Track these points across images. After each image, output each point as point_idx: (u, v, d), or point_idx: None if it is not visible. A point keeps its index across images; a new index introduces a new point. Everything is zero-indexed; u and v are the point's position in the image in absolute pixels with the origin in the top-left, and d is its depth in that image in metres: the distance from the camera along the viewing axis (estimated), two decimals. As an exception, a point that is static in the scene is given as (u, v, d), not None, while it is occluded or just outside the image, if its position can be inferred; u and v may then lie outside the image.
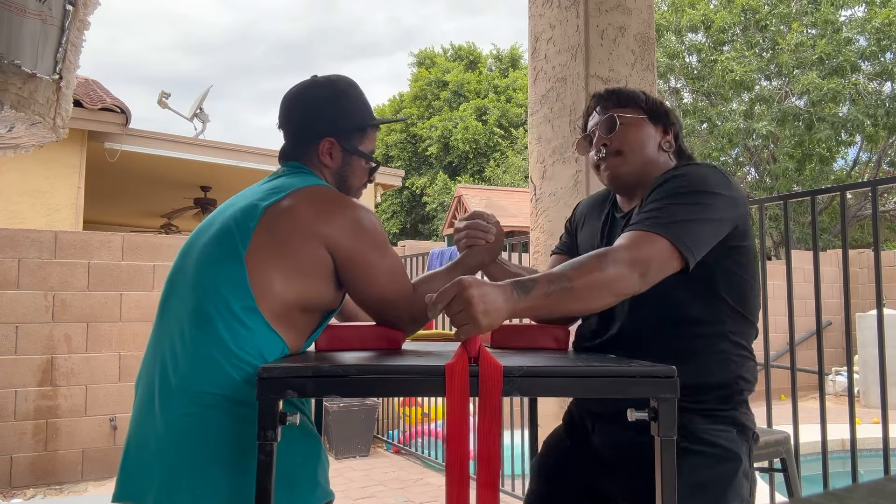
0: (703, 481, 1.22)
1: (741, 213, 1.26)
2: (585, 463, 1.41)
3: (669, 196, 1.22)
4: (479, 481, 0.99)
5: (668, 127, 1.42)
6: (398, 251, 5.99)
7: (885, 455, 2.18)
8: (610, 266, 1.11)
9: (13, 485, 4.24)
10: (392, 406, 5.58)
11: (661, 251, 1.15)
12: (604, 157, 1.40)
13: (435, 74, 24.31)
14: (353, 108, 1.45)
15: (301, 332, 1.27)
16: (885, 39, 12.73)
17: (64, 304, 4.45)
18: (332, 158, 1.42)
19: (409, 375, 0.99)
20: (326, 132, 1.41)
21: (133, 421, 1.26)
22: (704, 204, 1.21)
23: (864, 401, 7.38)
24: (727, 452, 1.25)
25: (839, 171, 14.58)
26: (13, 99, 1.90)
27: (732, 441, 1.27)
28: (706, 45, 14.52)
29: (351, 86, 1.46)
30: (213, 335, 1.18)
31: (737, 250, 1.27)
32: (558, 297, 1.08)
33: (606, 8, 2.52)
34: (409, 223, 22.84)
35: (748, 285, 1.30)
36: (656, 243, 1.15)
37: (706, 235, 1.20)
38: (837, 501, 0.36)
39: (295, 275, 1.22)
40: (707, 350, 1.28)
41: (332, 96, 1.43)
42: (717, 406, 1.29)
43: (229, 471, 1.14)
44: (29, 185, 6.20)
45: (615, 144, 1.38)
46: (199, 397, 1.16)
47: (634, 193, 1.40)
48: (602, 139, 1.40)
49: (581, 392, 1.02)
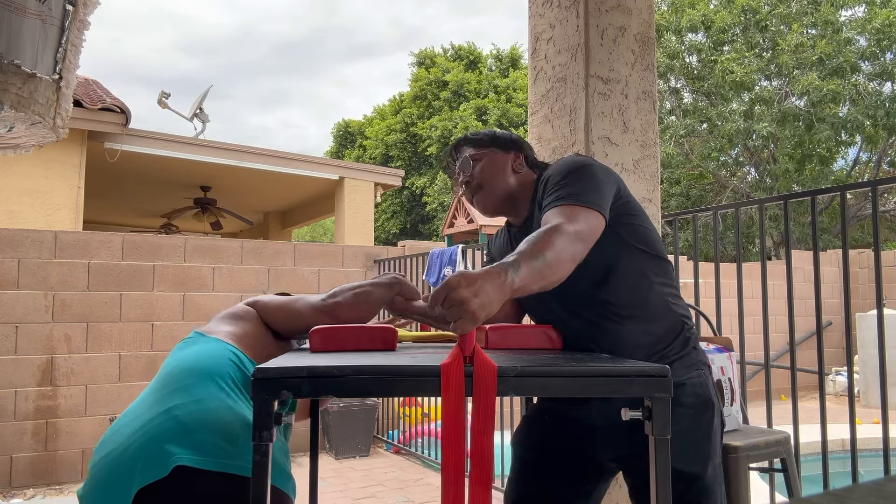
0: (683, 430, 1.38)
1: (615, 175, 1.49)
2: (573, 429, 1.52)
3: (562, 180, 1.40)
4: (472, 480, 0.99)
5: (517, 150, 1.64)
6: (398, 251, 5.99)
7: (885, 455, 2.18)
8: (564, 237, 1.25)
9: (13, 485, 4.24)
10: (392, 406, 5.58)
11: (589, 217, 1.32)
12: (471, 194, 1.62)
13: (435, 74, 24.29)
14: None
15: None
16: (885, 40, 12.72)
17: (64, 304, 4.45)
18: None
19: (405, 376, 0.99)
20: None
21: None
22: (589, 174, 1.42)
23: (864, 401, 7.37)
24: (707, 402, 1.45)
25: (839, 172, 14.57)
26: (13, 99, 1.90)
27: (708, 387, 1.46)
28: (706, 45, 14.51)
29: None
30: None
31: (626, 204, 1.48)
32: (540, 273, 1.17)
33: (606, 8, 2.52)
34: (409, 223, 22.83)
35: (647, 230, 1.51)
36: (580, 212, 1.32)
37: (606, 193, 1.40)
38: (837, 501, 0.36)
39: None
40: (651, 298, 1.46)
41: None
42: (683, 350, 1.46)
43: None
44: (29, 185, 6.20)
45: (476, 181, 1.61)
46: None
47: (516, 210, 1.62)
48: (465, 179, 1.62)
49: (575, 391, 1.02)
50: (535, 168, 1.65)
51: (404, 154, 23.44)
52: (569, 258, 1.23)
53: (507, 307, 1.64)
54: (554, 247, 1.20)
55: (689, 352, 1.47)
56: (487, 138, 1.67)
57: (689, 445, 1.39)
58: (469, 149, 1.65)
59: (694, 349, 1.49)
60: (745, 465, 1.98)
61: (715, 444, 1.44)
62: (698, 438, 1.42)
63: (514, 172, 1.62)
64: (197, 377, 1.31)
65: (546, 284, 1.20)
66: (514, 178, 1.61)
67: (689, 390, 1.42)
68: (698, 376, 1.45)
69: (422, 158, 23.27)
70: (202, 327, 1.53)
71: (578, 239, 1.26)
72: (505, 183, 1.60)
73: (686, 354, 1.46)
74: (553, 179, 1.43)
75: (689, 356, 1.46)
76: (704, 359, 1.51)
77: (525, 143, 1.69)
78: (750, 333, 7.49)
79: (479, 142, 1.66)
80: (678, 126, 14.29)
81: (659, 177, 2.56)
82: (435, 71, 24.46)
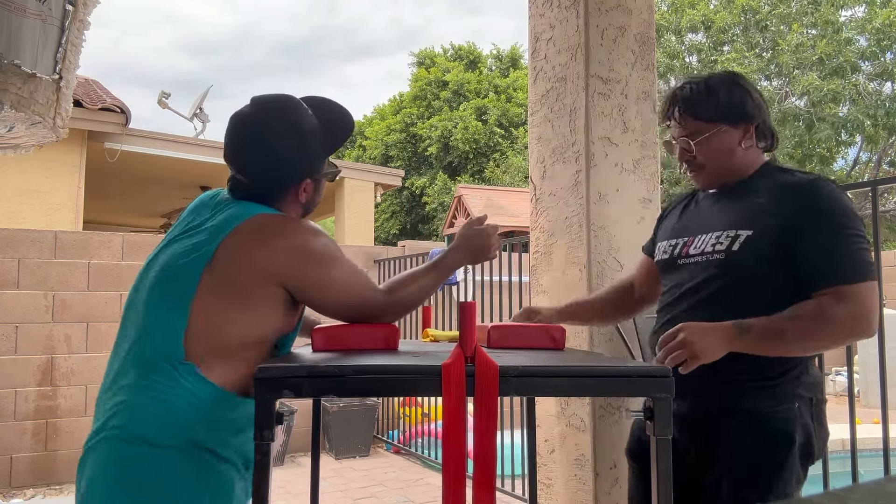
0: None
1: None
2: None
3: (837, 234, 1.29)
4: (476, 481, 0.99)
5: (749, 122, 1.44)
6: (398, 251, 5.98)
7: (885, 455, 2.17)
8: (828, 329, 1.26)
9: (13, 485, 4.24)
10: (392, 406, 5.58)
11: (870, 291, 1.27)
12: (688, 167, 1.49)
13: (435, 74, 24.28)
14: (335, 139, 1.35)
15: (250, 366, 1.20)
16: (886, 40, 12.72)
17: (64, 304, 4.45)
18: (306, 193, 1.34)
19: (406, 375, 0.99)
20: (307, 174, 1.32)
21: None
22: (860, 237, 1.31)
23: (864, 401, 7.38)
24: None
25: (839, 171, 14.58)
26: (13, 99, 1.90)
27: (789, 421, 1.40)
28: (706, 45, 14.51)
29: (310, 110, 1.33)
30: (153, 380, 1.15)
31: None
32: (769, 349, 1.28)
33: (606, 8, 2.52)
34: (409, 223, 22.82)
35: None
36: (862, 290, 1.26)
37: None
38: (837, 501, 0.36)
39: (244, 315, 1.18)
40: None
41: (319, 132, 1.32)
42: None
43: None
44: (29, 185, 6.20)
45: (698, 159, 1.45)
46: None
47: (726, 183, 1.48)
48: (684, 154, 1.47)
49: (577, 392, 1.02)
50: (761, 138, 1.48)
51: (404, 154, 23.43)
52: (810, 349, 1.32)
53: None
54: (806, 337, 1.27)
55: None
56: (720, 108, 1.43)
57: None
58: (696, 119, 1.44)
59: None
60: (746, 465, 1.98)
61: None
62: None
63: (742, 149, 1.45)
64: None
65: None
66: (742, 155, 1.45)
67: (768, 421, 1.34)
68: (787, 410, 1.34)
69: (422, 158, 23.26)
70: None
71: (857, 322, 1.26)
72: (729, 164, 1.45)
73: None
74: (824, 222, 1.30)
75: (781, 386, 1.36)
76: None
77: (761, 108, 1.47)
78: (750, 333, 7.47)
79: (711, 110, 1.43)
80: (678, 126, 14.27)
81: (659, 177, 2.56)
82: (435, 71, 24.45)
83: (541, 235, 2.65)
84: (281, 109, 1.30)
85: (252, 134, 1.29)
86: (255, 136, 1.28)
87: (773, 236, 1.31)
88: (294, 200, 1.33)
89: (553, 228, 2.57)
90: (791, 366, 1.34)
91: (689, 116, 1.44)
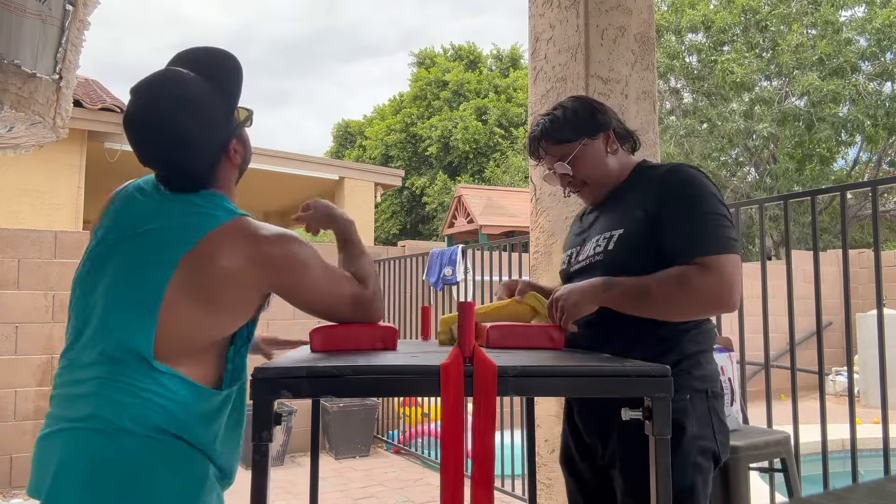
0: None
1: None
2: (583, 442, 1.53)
3: (694, 213, 1.37)
4: (474, 480, 0.99)
5: (605, 129, 1.54)
6: (398, 251, 5.98)
7: (885, 455, 2.18)
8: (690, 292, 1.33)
9: (13, 485, 4.24)
10: (392, 406, 5.58)
11: (731, 264, 1.34)
12: (573, 189, 1.58)
13: (435, 74, 24.28)
14: (232, 87, 1.28)
15: (220, 357, 1.24)
16: (886, 40, 12.72)
17: (64, 305, 4.45)
18: (237, 152, 1.30)
19: (404, 375, 0.99)
20: (225, 137, 1.27)
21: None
22: (719, 215, 1.38)
23: (864, 401, 7.38)
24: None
25: (839, 171, 14.57)
26: (13, 99, 1.90)
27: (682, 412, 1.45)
28: (706, 45, 14.51)
29: (191, 73, 1.25)
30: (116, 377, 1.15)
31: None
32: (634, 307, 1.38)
33: (606, 8, 2.52)
34: (408, 223, 22.82)
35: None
36: (724, 261, 1.33)
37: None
38: (837, 501, 0.36)
39: (219, 318, 1.19)
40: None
41: (213, 90, 1.25)
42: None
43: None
44: (29, 185, 6.20)
45: (578, 177, 1.55)
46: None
47: (610, 191, 1.57)
48: (565, 178, 1.56)
49: (576, 392, 1.02)
50: (622, 141, 1.57)
51: (404, 154, 23.43)
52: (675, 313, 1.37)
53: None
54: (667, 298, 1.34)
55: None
56: (574, 127, 1.53)
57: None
58: (559, 144, 1.54)
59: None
60: (746, 466, 1.98)
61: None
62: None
63: (611, 155, 1.55)
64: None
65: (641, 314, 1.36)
66: (614, 161, 1.55)
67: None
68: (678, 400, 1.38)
69: (422, 158, 23.26)
70: None
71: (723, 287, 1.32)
72: (607, 170, 1.54)
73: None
74: (682, 199, 1.39)
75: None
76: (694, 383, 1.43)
77: (608, 115, 1.56)
78: (750, 333, 7.44)
79: (567, 133, 1.54)
80: (678, 126, 14.29)
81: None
82: (435, 71, 24.45)
83: (541, 235, 2.65)
84: (163, 94, 1.21)
85: (150, 133, 1.22)
86: (153, 135, 1.22)
87: (640, 229, 1.42)
88: (228, 165, 1.30)
89: (553, 228, 2.57)
90: (682, 357, 1.40)
91: (553, 144, 1.55)
